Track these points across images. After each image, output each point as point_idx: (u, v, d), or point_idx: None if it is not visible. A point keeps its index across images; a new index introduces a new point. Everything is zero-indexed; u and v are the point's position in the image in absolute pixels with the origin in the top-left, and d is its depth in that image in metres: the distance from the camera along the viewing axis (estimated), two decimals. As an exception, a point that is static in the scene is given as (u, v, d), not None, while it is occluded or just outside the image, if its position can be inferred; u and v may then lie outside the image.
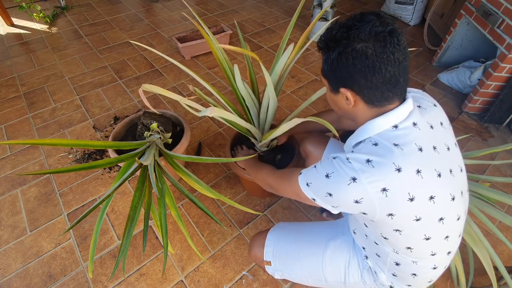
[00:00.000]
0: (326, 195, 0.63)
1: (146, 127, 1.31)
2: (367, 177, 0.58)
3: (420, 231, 0.63)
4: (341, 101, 0.67)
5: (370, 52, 0.56)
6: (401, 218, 0.61)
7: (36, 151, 1.70)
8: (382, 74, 0.58)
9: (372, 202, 0.59)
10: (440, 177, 0.61)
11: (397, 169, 0.57)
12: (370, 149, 0.61)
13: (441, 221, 0.63)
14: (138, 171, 1.01)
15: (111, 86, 2.16)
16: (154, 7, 3.23)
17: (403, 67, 0.59)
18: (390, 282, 0.78)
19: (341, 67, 0.60)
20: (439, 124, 0.68)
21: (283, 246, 0.91)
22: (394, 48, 0.57)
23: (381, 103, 0.62)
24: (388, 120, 0.62)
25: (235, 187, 1.52)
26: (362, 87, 0.60)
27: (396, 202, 0.58)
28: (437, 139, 0.65)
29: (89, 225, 1.37)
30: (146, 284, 1.18)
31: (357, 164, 0.59)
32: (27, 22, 2.98)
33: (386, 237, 0.67)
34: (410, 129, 0.62)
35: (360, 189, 0.58)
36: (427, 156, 0.61)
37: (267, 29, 2.81)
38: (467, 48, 2.16)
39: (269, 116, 1.11)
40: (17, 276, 1.21)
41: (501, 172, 1.60)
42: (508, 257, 1.26)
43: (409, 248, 0.66)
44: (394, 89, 0.60)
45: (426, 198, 0.60)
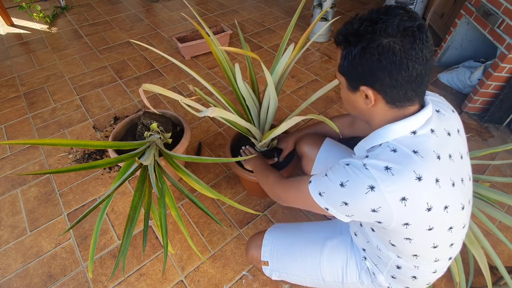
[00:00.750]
0: (342, 204, 0.60)
1: (146, 127, 1.31)
2: (387, 186, 0.55)
3: (430, 240, 0.62)
4: (359, 100, 0.63)
5: (398, 48, 0.53)
6: (415, 227, 0.59)
7: (36, 151, 1.70)
8: (409, 72, 0.54)
9: (389, 211, 0.56)
10: (454, 186, 0.60)
11: (417, 178, 0.55)
12: (388, 155, 0.58)
13: (450, 230, 0.62)
14: (138, 171, 1.01)
15: (111, 86, 2.16)
16: (154, 7, 3.23)
17: (429, 65, 0.56)
18: (388, 284, 0.78)
19: (364, 63, 0.56)
20: (456, 132, 0.66)
21: (281, 246, 0.90)
22: (423, 45, 0.53)
23: (403, 103, 0.59)
24: (408, 125, 0.59)
25: (235, 187, 1.52)
26: (385, 86, 0.57)
27: (414, 212, 0.56)
28: (452, 147, 0.63)
29: (89, 225, 1.37)
30: (146, 284, 1.18)
31: (375, 172, 0.56)
32: (27, 22, 2.98)
33: (394, 244, 0.66)
34: (429, 136, 0.59)
35: (378, 198, 0.56)
36: (444, 164, 0.59)
37: (267, 29, 2.81)
38: (467, 48, 2.16)
39: (269, 116, 1.11)
40: (17, 276, 1.21)
41: (501, 172, 1.60)
42: (508, 257, 1.26)
43: (416, 255, 0.66)
44: (418, 88, 0.58)
45: (441, 208, 0.58)
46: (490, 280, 0.94)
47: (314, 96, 1.13)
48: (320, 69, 2.30)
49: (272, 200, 1.46)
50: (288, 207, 1.43)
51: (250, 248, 0.95)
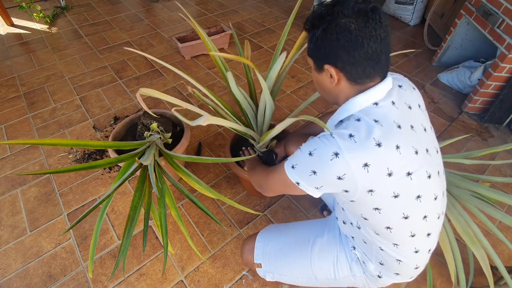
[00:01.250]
0: (311, 174, 0.63)
1: (146, 127, 1.31)
2: (349, 152, 0.59)
3: (398, 209, 0.64)
4: (325, 80, 0.68)
5: (353, 27, 0.58)
6: (380, 195, 0.62)
7: (36, 151, 1.70)
8: (364, 50, 0.59)
9: (353, 178, 0.59)
10: (417, 154, 0.63)
11: (377, 144, 0.59)
12: (353, 124, 0.62)
13: (419, 199, 0.64)
14: (138, 171, 1.01)
15: (111, 86, 2.16)
16: (154, 7, 3.23)
17: (384, 45, 0.60)
18: (378, 272, 0.79)
19: (325, 43, 0.61)
20: (417, 106, 0.71)
21: (272, 247, 0.92)
22: (376, 25, 0.58)
23: (363, 80, 0.64)
24: (369, 97, 0.64)
25: (235, 187, 1.52)
26: (345, 63, 0.62)
27: (376, 177, 0.60)
28: (414, 119, 0.67)
29: (89, 225, 1.37)
30: (146, 284, 1.18)
31: (340, 139, 0.60)
32: (27, 22, 2.98)
33: (366, 217, 0.68)
34: (389, 107, 0.64)
35: (342, 164, 0.59)
36: (405, 133, 0.63)
37: (267, 29, 2.81)
38: (467, 48, 2.16)
39: (266, 118, 1.10)
40: (17, 276, 1.21)
41: (501, 172, 1.60)
42: (508, 257, 1.26)
43: (389, 228, 0.67)
44: (375, 65, 0.62)
45: (403, 174, 0.61)
46: (492, 280, 0.94)
47: (314, 96, 1.13)
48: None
49: (272, 200, 1.46)
50: (288, 207, 1.43)
51: (243, 251, 0.97)
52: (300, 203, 1.45)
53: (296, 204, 1.45)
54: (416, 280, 1.18)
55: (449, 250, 0.97)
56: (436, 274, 1.20)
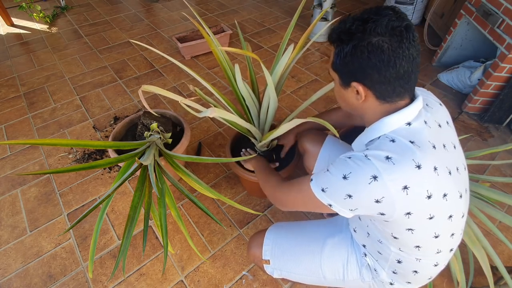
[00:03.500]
0: (346, 197, 0.60)
1: (146, 127, 1.31)
2: (389, 175, 0.56)
3: (431, 230, 0.63)
4: (351, 96, 0.66)
5: (386, 47, 0.56)
6: (416, 217, 0.60)
7: (36, 151, 1.70)
8: (396, 69, 0.58)
9: (392, 201, 0.57)
10: (450, 174, 0.62)
11: (417, 166, 0.57)
12: (388, 145, 0.60)
13: (450, 218, 0.64)
14: (138, 171, 1.01)
15: (111, 86, 2.16)
16: (154, 7, 3.23)
17: (416, 63, 0.59)
18: (390, 279, 0.78)
19: (354, 60, 0.59)
20: (445, 123, 0.69)
21: (282, 244, 0.91)
22: (410, 44, 0.57)
23: (393, 99, 0.62)
24: (402, 117, 0.62)
25: (235, 187, 1.52)
26: (375, 82, 0.60)
27: (415, 200, 0.58)
28: (445, 138, 0.65)
29: (89, 225, 1.37)
30: (146, 284, 1.18)
31: (377, 162, 0.57)
32: (27, 22, 2.98)
33: (397, 236, 0.67)
34: (423, 127, 0.62)
35: (381, 187, 0.57)
36: (440, 153, 0.61)
37: (267, 29, 2.81)
38: (467, 48, 2.16)
39: (269, 116, 1.11)
40: (17, 276, 1.21)
41: (501, 172, 1.60)
42: (508, 257, 1.26)
43: (418, 246, 0.66)
44: (406, 85, 0.61)
45: (440, 196, 0.60)
46: (492, 280, 0.94)
47: (314, 96, 1.13)
48: (320, 69, 2.30)
49: (272, 200, 1.46)
50: (288, 207, 1.43)
51: (251, 247, 0.96)
52: (300, 203, 1.45)
53: (296, 204, 1.45)
54: (416, 280, 1.18)
55: (449, 250, 0.97)
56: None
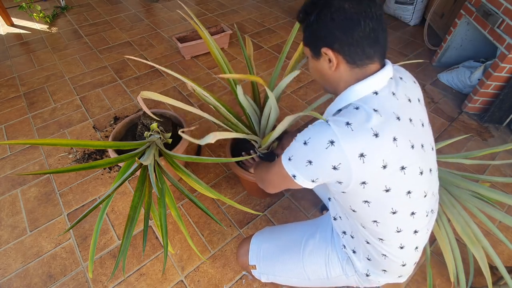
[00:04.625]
0: (306, 164, 0.61)
1: (146, 127, 1.31)
2: (346, 141, 0.57)
3: (387, 204, 0.64)
4: (324, 65, 0.66)
5: (347, 5, 0.58)
6: (372, 187, 0.61)
7: (36, 151, 1.70)
8: (362, 28, 0.58)
9: (349, 168, 0.58)
10: (413, 148, 0.62)
11: (374, 134, 0.57)
12: (350, 112, 0.60)
13: (408, 194, 0.64)
14: (138, 171, 1.01)
15: (111, 86, 2.16)
16: (154, 7, 3.23)
17: (381, 22, 0.60)
18: (366, 270, 0.79)
19: (321, 25, 0.61)
20: (416, 100, 0.69)
21: (266, 248, 0.92)
22: (370, 2, 0.58)
23: (363, 61, 0.62)
24: (369, 85, 0.62)
25: (235, 187, 1.52)
26: (343, 44, 0.60)
27: (370, 169, 0.58)
28: (413, 113, 0.66)
29: (89, 225, 1.37)
30: (146, 284, 1.18)
31: (336, 127, 0.58)
32: (27, 22, 2.98)
33: (355, 209, 0.68)
34: (389, 97, 0.63)
35: (338, 153, 0.57)
36: (404, 126, 0.61)
37: (267, 29, 2.81)
38: (467, 48, 2.16)
39: (270, 122, 1.10)
40: (17, 276, 1.21)
41: (501, 172, 1.60)
42: (508, 257, 1.26)
43: (375, 221, 0.67)
44: (374, 45, 0.61)
45: (397, 168, 0.60)
46: (490, 280, 0.94)
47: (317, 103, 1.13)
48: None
49: (272, 200, 1.46)
50: (288, 207, 1.43)
51: (239, 253, 0.97)
52: (300, 203, 1.45)
53: (296, 204, 1.45)
54: (416, 280, 1.18)
55: (449, 250, 0.97)
56: (436, 274, 1.20)
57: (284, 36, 2.70)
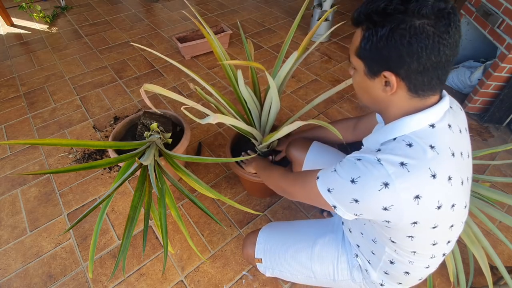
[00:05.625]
0: (352, 201, 0.56)
1: (146, 127, 1.31)
2: (401, 183, 0.52)
3: (431, 238, 0.61)
4: (377, 87, 0.58)
5: (432, 31, 0.48)
6: (421, 226, 0.57)
7: (36, 151, 1.70)
8: (439, 58, 0.50)
9: (401, 210, 0.53)
10: (462, 184, 0.58)
11: (432, 175, 0.52)
12: (403, 150, 0.54)
13: (451, 228, 0.61)
14: (138, 171, 1.01)
15: (111, 86, 2.16)
16: (154, 7, 3.23)
17: (457, 52, 0.52)
18: (381, 280, 0.78)
19: (390, 46, 0.50)
20: (464, 130, 0.64)
21: (273, 243, 0.92)
22: (456, 29, 0.50)
23: (425, 92, 0.55)
24: (427, 117, 0.56)
25: (235, 187, 1.52)
26: (411, 72, 0.52)
27: (425, 210, 0.54)
28: (463, 145, 0.61)
29: (89, 225, 1.37)
30: (146, 284, 1.18)
31: (390, 167, 0.52)
32: (27, 22, 2.98)
33: (395, 241, 0.64)
34: (446, 131, 0.56)
35: (392, 195, 0.52)
36: (457, 162, 0.57)
37: (267, 29, 2.81)
38: (467, 48, 2.16)
39: (270, 118, 1.11)
40: (17, 276, 1.21)
41: (501, 172, 1.60)
42: (508, 257, 1.26)
43: (414, 252, 0.65)
44: (443, 76, 0.54)
45: (449, 206, 0.56)
46: (491, 280, 0.94)
47: (318, 99, 1.13)
48: (320, 69, 2.30)
49: (272, 200, 1.46)
50: (288, 207, 1.43)
51: (245, 245, 0.97)
52: (300, 203, 1.45)
53: (296, 204, 1.45)
54: (416, 280, 1.18)
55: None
56: (436, 274, 1.20)
57: (284, 36, 2.70)
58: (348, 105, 1.97)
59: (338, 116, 1.88)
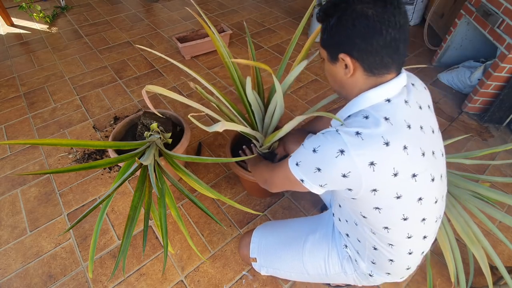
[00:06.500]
0: (315, 171, 0.61)
1: (146, 127, 1.31)
2: (356, 149, 0.57)
3: (399, 210, 0.64)
4: (339, 71, 0.65)
5: (371, 13, 0.55)
6: (383, 194, 0.61)
7: (36, 151, 1.70)
8: (383, 37, 0.56)
9: (359, 176, 0.58)
10: (424, 156, 0.62)
11: (385, 143, 0.57)
12: (360, 122, 0.60)
13: (420, 201, 0.64)
14: (138, 171, 1.01)
15: (111, 86, 2.16)
16: (154, 7, 3.23)
17: (403, 32, 0.57)
18: (370, 271, 0.80)
19: (340, 31, 0.59)
20: (427, 107, 0.69)
21: (267, 242, 0.94)
22: (395, 10, 0.55)
23: (380, 70, 0.61)
24: (382, 92, 0.62)
25: (235, 187, 1.52)
26: (362, 52, 0.58)
27: (381, 177, 0.58)
28: (424, 120, 0.65)
29: (89, 225, 1.37)
30: (146, 284, 1.18)
31: (346, 136, 0.58)
32: (27, 22, 2.98)
33: (365, 215, 0.68)
34: (402, 105, 0.62)
35: (348, 162, 0.57)
36: (414, 134, 0.61)
37: (267, 29, 2.81)
38: (467, 48, 2.16)
39: (274, 120, 1.10)
40: (17, 276, 1.21)
41: (501, 172, 1.60)
42: (508, 257, 1.26)
43: (386, 228, 0.67)
44: (394, 54, 0.59)
45: (409, 175, 0.60)
46: (491, 280, 0.94)
47: (320, 104, 1.13)
48: (320, 69, 2.30)
49: (272, 200, 1.46)
50: (288, 207, 1.43)
51: (240, 246, 0.99)
52: (300, 203, 1.45)
53: (296, 204, 1.45)
54: (416, 280, 1.18)
55: (449, 250, 0.97)
56: (436, 274, 1.20)
57: (284, 36, 2.70)
58: (348, 105, 1.97)
59: (338, 116, 1.88)
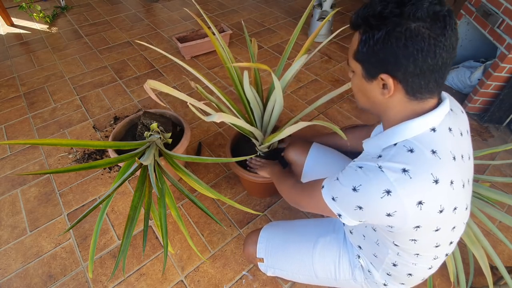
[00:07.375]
0: (356, 209, 0.56)
1: (146, 127, 1.31)
2: (404, 189, 0.52)
3: (434, 240, 0.61)
4: (375, 90, 0.58)
5: (427, 34, 0.48)
6: (424, 230, 0.57)
7: (36, 151, 1.70)
8: (435, 60, 0.50)
9: (404, 215, 0.54)
10: (463, 187, 0.58)
11: (434, 181, 0.52)
12: (405, 156, 0.54)
13: (453, 229, 0.62)
14: (138, 171, 1.01)
15: (111, 86, 2.16)
16: (154, 7, 3.23)
17: (454, 55, 0.52)
18: (384, 280, 0.78)
19: (387, 49, 0.51)
20: (466, 132, 0.64)
21: (275, 243, 0.92)
22: (452, 32, 0.50)
23: (423, 95, 0.55)
24: (428, 121, 0.56)
25: (235, 187, 1.52)
26: (408, 74, 0.52)
27: (427, 215, 0.54)
28: (464, 148, 0.61)
29: (89, 225, 1.37)
30: (146, 284, 1.18)
31: (392, 174, 0.52)
32: (27, 22, 2.98)
33: (398, 244, 0.65)
34: (447, 134, 0.57)
35: (395, 202, 0.53)
36: (458, 165, 0.57)
37: (267, 29, 2.81)
38: (467, 48, 2.16)
39: (273, 118, 1.10)
40: (17, 276, 1.21)
41: (501, 172, 1.59)
42: (508, 257, 1.26)
43: (417, 254, 0.65)
44: (440, 79, 0.54)
45: (451, 209, 0.56)
46: (491, 280, 0.94)
47: (321, 101, 1.13)
48: (320, 69, 2.30)
49: (272, 200, 1.46)
50: (288, 207, 1.43)
51: (246, 245, 0.97)
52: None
53: (296, 204, 1.45)
54: (416, 280, 1.18)
55: (449, 250, 0.97)
56: (436, 274, 1.20)
57: (284, 36, 2.70)
58: (348, 105, 1.97)
59: (338, 116, 1.88)
